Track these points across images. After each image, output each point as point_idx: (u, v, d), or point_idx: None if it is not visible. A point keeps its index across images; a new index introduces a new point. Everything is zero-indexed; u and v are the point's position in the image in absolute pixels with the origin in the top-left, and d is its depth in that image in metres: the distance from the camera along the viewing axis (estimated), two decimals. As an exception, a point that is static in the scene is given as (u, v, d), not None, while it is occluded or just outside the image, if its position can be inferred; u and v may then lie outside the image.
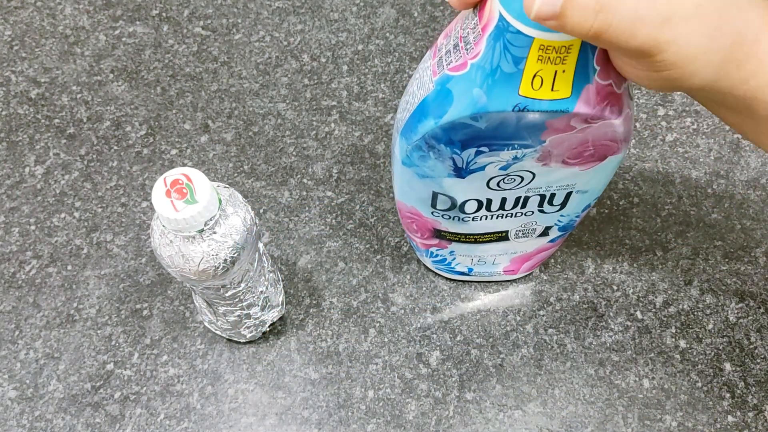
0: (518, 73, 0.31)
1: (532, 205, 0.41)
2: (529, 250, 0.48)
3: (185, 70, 0.63)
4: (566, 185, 0.39)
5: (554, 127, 0.33)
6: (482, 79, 0.32)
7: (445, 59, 0.34)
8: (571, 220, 0.44)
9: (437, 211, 0.42)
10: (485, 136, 0.34)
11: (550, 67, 0.31)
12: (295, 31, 0.65)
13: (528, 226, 0.44)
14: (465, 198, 0.40)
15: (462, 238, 0.45)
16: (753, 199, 0.56)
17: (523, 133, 0.34)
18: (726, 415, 0.47)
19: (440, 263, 0.51)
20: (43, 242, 0.54)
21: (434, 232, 0.46)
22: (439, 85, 0.33)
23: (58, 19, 0.66)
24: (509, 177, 0.38)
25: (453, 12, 0.66)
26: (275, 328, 0.51)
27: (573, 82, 0.31)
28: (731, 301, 0.52)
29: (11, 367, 0.49)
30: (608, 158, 0.37)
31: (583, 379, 0.49)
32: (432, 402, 0.48)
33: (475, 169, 0.37)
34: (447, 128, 0.34)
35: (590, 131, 0.34)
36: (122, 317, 0.51)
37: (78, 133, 0.60)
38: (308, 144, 0.59)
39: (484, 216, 0.42)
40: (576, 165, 0.37)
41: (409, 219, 0.45)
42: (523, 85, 0.31)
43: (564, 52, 0.30)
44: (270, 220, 0.55)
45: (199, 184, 0.36)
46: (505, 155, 0.36)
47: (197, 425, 0.47)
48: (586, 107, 0.32)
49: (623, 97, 0.33)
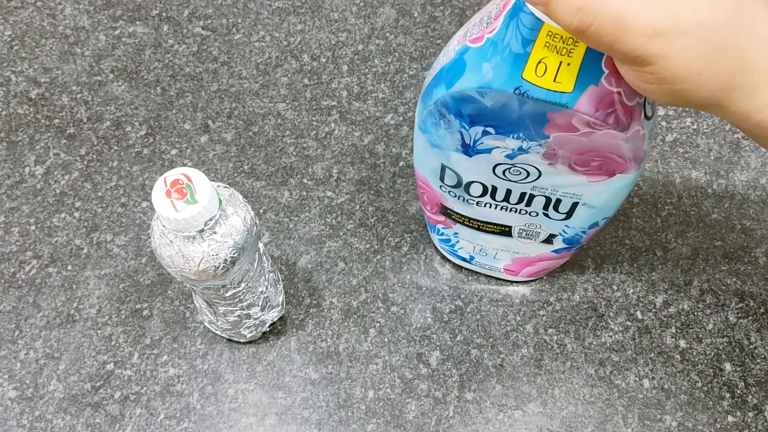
0: (525, 55, 0.31)
1: (537, 205, 0.41)
2: (532, 255, 0.48)
3: (185, 70, 0.63)
4: (573, 194, 0.39)
5: (556, 123, 0.33)
6: (492, 55, 0.32)
7: (470, 31, 0.34)
8: (577, 234, 0.44)
9: (445, 186, 0.43)
10: (491, 115, 0.34)
11: (555, 56, 0.31)
12: (295, 31, 0.65)
13: (532, 228, 0.44)
14: (471, 179, 0.40)
15: (466, 221, 0.46)
16: (753, 199, 0.56)
17: (526, 121, 0.34)
18: (726, 415, 0.47)
19: (445, 243, 0.51)
20: (43, 242, 0.54)
21: (441, 208, 0.46)
22: (458, 54, 0.34)
23: (58, 19, 0.66)
24: (515, 168, 0.38)
25: (453, 12, 0.66)
26: (275, 328, 0.51)
27: (577, 79, 0.31)
28: (731, 301, 0.52)
29: (11, 367, 0.49)
30: (617, 176, 0.36)
31: (583, 379, 0.49)
32: (432, 402, 0.48)
33: (482, 150, 0.37)
34: (456, 98, 0.34)
35: (595, 138, 0.33)
36: (122, 317, 0.51)
37: (78, 133, 0.60)
38: (308, 144, 0.59)
39: (488, 203, 0.42)
40: (583, 174, 0.37)
41: (421, 189, 0.46)
42: (528, 68, 0.31)
43: (571, 44, 0.30)
44: (270, 220, 0.55)
45: (199, 184, 0.36)
46: (511, 143, 0.36)
47: (197, 425, 0.47)
48: (588, 108, 0.32)
49: (634, 112, 0.32)
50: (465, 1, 0.67)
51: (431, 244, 0.54)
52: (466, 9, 0.66)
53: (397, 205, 0.56)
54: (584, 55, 0.30)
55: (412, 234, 0.55)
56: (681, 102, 0.28)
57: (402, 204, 0.56)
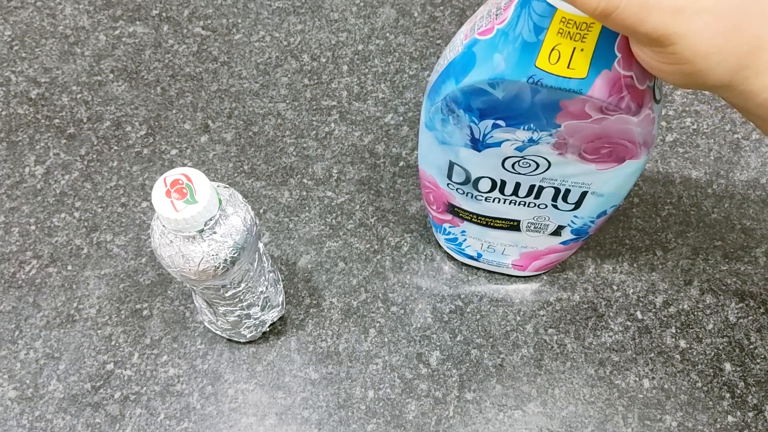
0: (537, 43, 0.31)
1: (546, 197, 0.41)
2: (540, 248, 0.48)
3: (185, 70, 0.63)
4: (582, 183, 0.39)
5: (569, 110, 0.33)
6: (504, 46, 0.32)
7: (478, 24, 0.34)
8: (585, 224, 0.43)
9: (452, 184, 0.42)
10: (502, 107, 0.34)
11: (569, 42, 0.30)
12: (295, 31, 0.65)
13: (540, 221, 0.44)
14: (479, 174, 0.40)
15: (474, 218, 0.46)
16: (753, 199, 0.56)
17: (538, 111, 0.34)
18: (726, 415, 0.47)
19: (452, 242, 0.51)
20: (43, 242, 0.54)
21: (448, 207, 0.46)
22: (467, 48, 0.34)
23: (58, 19, 0.66)
24: (524, 160, 0.38)
25: (453, 12, 0.66)
26: (275, 328, 0.51)
27: (591, 64, 0.31)
28: (731, 301, 0.52)
29: (11, 367, 0.49)
30: (626, 162, 0.36)
31: (583, 379, 0.49)
32: (432, 402, 0.48)
33: (491, 144, 0.37)
34: (467, 92, 0.34)
35: (606, 124, 0.33)
36: (122, 317, 0.51)
37: (78, 133, 0.60)
38: (308, 144, 0.59)
39: (497, 198, 0.42)
40: (592, 162, 0.37)
41: (427, 189, 0.46)
42: (541, 56, 0.31)
43: (585, 29, 0.30)
44: (270, 220, 0.55)
45: (199, 184, 0.36)
46: (521, 134, 0.36)
47: (197, 425, 0.47)
48: (601, 93, 0.31)
49: (645, 96, 0.32)
50: (465, 1, 0.67)
51: (431, 244, 0.54)
52: (466, 9, 0.66)
53: (397, 205, 0.56)
54: (597, 40, 0.30)
55: (412, 234, 0.55)
56: (695, 83, 0.29)
57: (402, 204, 0.56)
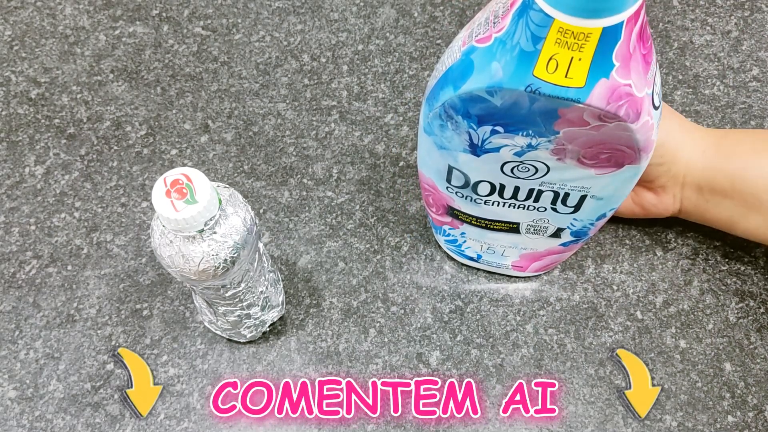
0: (535, 52, 0.31)
1: (545, 201, 0.41)
2: (540, 250, 0.48)
3: (185, 70, 0.63)
4: (581, 187, 0.39)
5: (567, 118, 0.33)
6: (501, 54, 0.32)
7: (476, 31, 0.34)
8: (585, 226, 0.44)
9: (452, 187, 0.43)
10: (500, 114, 0.34)
11: (566, 52, 0.30)
12: (295, 31, 0.65)
13: (540, 223, 0.44)
14: (478, 178, 0.40)
15: (473, 221, 0.46)
16: (753, 199, 0.56)
17: (536, 118, 0.34)
18: (726, 415, 0.47)
19: (451, 243, 0.51)
20: (43, 242, 0.54)
21: (448, 209, 0.46)
22: (464, 55, 0.34)
23: (58, 19, 0.66)
24: (523, 165, 0.38)
25: (453, 12, 0.66)
26: (275, 328, 0.51)
27: (588, 73, 0.31)
28: (731, 301, 0.52)
29: (11, 367, 0.49)
30: (626, 167, 0.36)
31: (583, 379, 0.49)
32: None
33: (489, 149, 0.37)
34: (465, 99, 0.34)
35: (605, 131, 0.33)
36: (122, 317, 0.51)
37: (78, 133, 0.60)
38: (308, 144, 0.59)
39: (496, 202, 0.42)
40: (592, 167, 0.37)
41: (426, 191, 0.46)
42: (539, 66, 0.31)
43: (582, 39, 0.30)
44: (270, 220, 0.55)
45: (199, 184, 0.36)
46: (520, 140, 0.36)
47: (197, 425, 0.47)
48: (599, 102, 0.32)
49: (644, 103, 0.33)
50: (465, 0, 0.67)
51: (431, 244, 0.54)
52: (466, 9, 0.66)
53: (397, 205, 0.56)
54: (596, 49, 0.30)
55: (412, 234, 0.55)
56: None
57: (402, 204, 0.56)
